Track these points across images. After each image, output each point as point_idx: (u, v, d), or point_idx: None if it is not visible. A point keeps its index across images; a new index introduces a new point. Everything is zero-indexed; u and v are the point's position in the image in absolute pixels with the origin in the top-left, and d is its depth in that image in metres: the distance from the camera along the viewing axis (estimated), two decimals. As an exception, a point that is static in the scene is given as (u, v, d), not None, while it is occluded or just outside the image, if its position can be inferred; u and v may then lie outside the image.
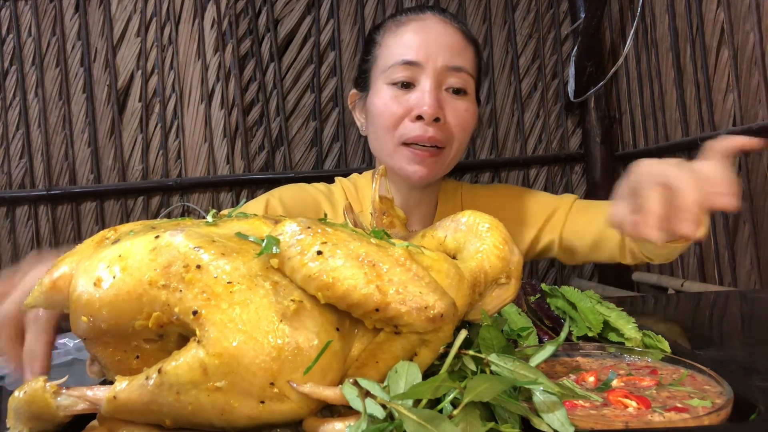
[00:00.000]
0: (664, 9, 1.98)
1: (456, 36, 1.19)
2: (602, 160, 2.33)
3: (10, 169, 2.28)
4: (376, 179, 0.77)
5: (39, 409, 0.51)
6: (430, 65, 1.14)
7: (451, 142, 1.17)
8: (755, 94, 1.63)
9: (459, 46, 1.18)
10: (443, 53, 1.15)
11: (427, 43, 1.15)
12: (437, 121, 1.13)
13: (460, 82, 1.16)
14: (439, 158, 1.17)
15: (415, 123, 1.14)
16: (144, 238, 0.52)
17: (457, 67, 1.16)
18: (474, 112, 1.20)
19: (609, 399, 0.55)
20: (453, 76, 1.16)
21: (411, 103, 1.14)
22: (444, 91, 1.16)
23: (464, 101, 1.18)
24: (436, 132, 1.13)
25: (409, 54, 1.15)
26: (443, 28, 1.19)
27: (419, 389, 0.46)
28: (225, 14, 2.31)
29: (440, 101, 1.14)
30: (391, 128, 1.16)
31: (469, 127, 1.19)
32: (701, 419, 0.50)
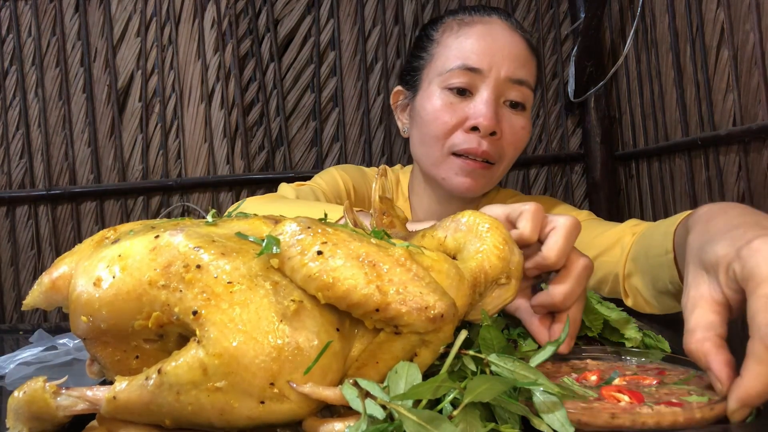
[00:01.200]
0: (664, 9, 1.98)
1: (522, 46, 1.12)
2: (602, 160, 2.33)
3: (10, 169, 2.28)
4: (376, 179, 0.77)
5: (39, 409, 0.51)
6: (493, 74, 1.07)
7: (503, 158, 1.11)
8: (755, 94, 1.63)
9: (524, 58, 1.11)
10: (507, 63, 1.07)
11: (492, 50, 1.07)
12: (493, 134, 1.07)
13: (520, 96, 1.10)
14: (488, 172, 1.10)
15: (469, 134, 1.07)
16: (144, 238, 0.52)
17: (520, 80, 1.09)
18: (529, 130, 1.14)
19: (602, 394, 0.55)
20: (514, 89, 1.09)
21: (467, 112, 1.07)
22: (502, 103, 1.10)
23: (522, 117, 1.12)
24: (489, 146, 1.07)
25: (471, 59, 1.07)
26: (510, 36, 1.11)
27: (419, 390, 0.46)
28: (225, 14, 2.31)
29: (498, 114, 1.08)
30: (442, 137, 1.09)
31: (522, 145, 1.13)
32: (692, 411, 0.50)
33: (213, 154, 2.32)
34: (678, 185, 2.01)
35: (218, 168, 2.33)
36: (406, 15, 2.35)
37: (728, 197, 1.77)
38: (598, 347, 0.71)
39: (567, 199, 2.41)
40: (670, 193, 2.04)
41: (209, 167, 2.33)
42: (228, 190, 2.34)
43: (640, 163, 2.21)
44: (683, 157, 1.94)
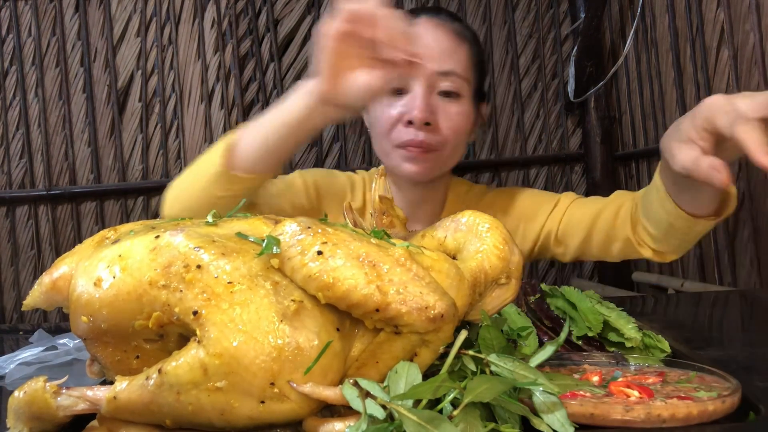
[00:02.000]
0: (664, 9, 1.98)
1: (447, 38, 1.20)
2: (602, 160, 2.33)
3: (10, 169, 2.28)
4: (376, 179, 0.77)
5: (39, 409, 0.51)
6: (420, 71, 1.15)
7: (444, 144, 1.19)
8: (755, 94, 1.62)
9: (450, 49, 1.19)
10: (432, 58, 1.16)
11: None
12: (428, 125, 1.16)
13: (450, 85, 1.18)
14: (431, 156, 1.19)
15: (407, 127, 1.16)
16: (144, 238, 0.52)
17: (447, 72, 1.17)
18: (467, 114, 1.21)
19: (611, 389, 0.55)
20: (444, 80, 1.17)
21: (402, 108, 1.16)
22: (436, 95, 1.18)
23: (456, 104, 1.19)
24: (426, 136, 1.16)
25: None
26: (434, 32, 1.20)
27: (419, 389, 0.47)
28: (225, 14, 2.31)
29: (431, 106, 1.16)
30: (386, 133, 1.19)
31: (462, 129, 1.21)
32: (705, 404, 0.50)
33: (213, 154, 2.32)
34: (678, 185, 2.01)
35: (218, 168, 2.33)
36: (406, 15, 2.35)
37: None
38: (594, 353, 0.71)
39: (567, 199, 2.41)
40: (670, 193, 2.04)
41: (209, 167, 2.33)
42: (228, 190, 2.34)
43: (640, 163, 2.21)
44: (683, 157, 1.94)
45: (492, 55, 2.37)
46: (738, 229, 1.76)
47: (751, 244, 1.69)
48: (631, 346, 0.73)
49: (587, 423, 0.50)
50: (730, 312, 1.15)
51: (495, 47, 2.37)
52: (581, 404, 0.50)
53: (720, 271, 1.82)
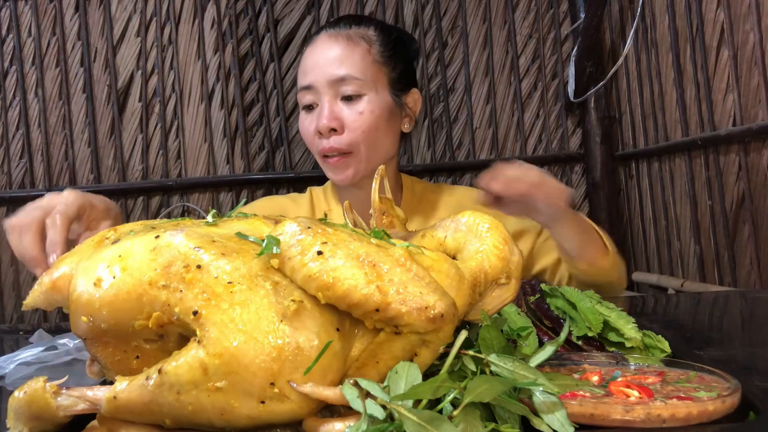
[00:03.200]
0: (664, 9, 1.98)
1: (339, 45, 1.26)
2: (602, 160, 2.33)
3: (10, 169, 2.28)
4: (375, 179, 0.77)
5: (39, 409, 0.51)
6: (320, 84, 1.24)
7: (356, 144, 1.24)
8: (755, 94, 1.63)
9: (342, 55, 1.25)
10: (327, 69, 1.24)
11: (315, 64, 1.26)
12: (334, 131, 1.23)
13: (349, 89, 1.24)
14: (350, 160, 1.25)
15: (320, 138, 1.25)
16: (144, 238, 0.52)
17: (341, 77, 1.24)
18: (373, 110, 1.24)
19: (610, 389, 0.55)
20: (341, 85, 1.24)
21: (315, 121, 1.25)
22: (340, 101, 1.25)
23: (357, 104, 1.24)
24: (335, 140, 1.24)
25: (304, 80, 1.27)
26: (328, 43, 1.27)
27: (419, 390, 0.46)
28: (225, 14, 2.31)
29: (335, 113, 1.23)
30: (311, 146, 1.29)
31: (371, 125, 1.24)
32: (705, 404, 0.50)
33: (213, 154, 2.32)
34: (678, 185, 2.00)
35: (218, 168, 2.33)
36: (406, 15, 2.35)
37: (728, 197, 1.77)
38: (594, 353, 0.70)
39: (567, 199, 2.41)
40: (670, 193, 2.04)
41: (209, 167, 2.33)
42: (228, 191, 2.34)
43: (640, 163, 2.21)
44: (683, 157, 1.94)
45: (492, 55, 2.37)
46: (738, 229, 1.76)
47: (751, 244, 1.69)
48: (631, 346, 0.73)
49: (587, 423, 0.50)
50: (730, 312, 1.15)
51: (495, 47, 2.37)
52: (581, 404, 0.50)
53: (720, 271, 1.82)
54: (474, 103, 2.38)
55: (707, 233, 1.86)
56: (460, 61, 2.37)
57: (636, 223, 2.28)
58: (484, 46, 2.37)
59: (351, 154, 1.25)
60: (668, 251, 2.07)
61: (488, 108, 2.38)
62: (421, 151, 2.37)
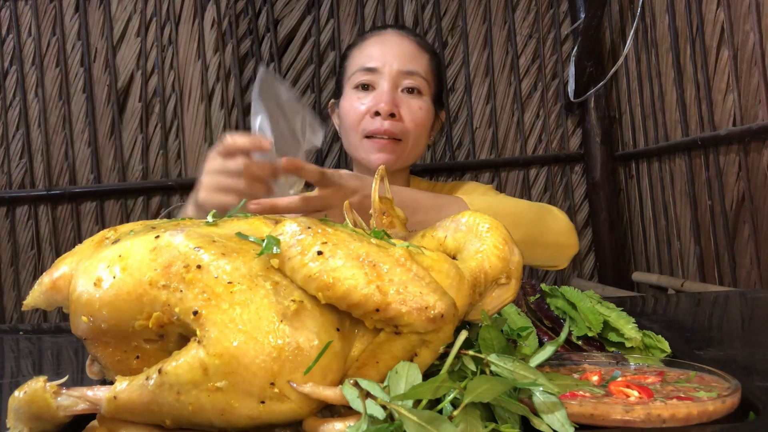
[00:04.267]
0: (664, 9, 1.98)
1: (410, 45, 1.38)
2: (602, 160, 2.33)
3: (10, 169, 2.28)
4: (376, 179, 0.77)
5: (39, 409, 0.51)
6: (386, 70, 1.32)
7: (408, 135, 1.33)
8: (755, 94, 1.63)
9: (413, 54, 1.36)
10: (398, 60, 1.34)
11: (383, 52, 1.35)
12: (393, 116, 1.30)
13: (413, 83, 1.34)
14: (397, 146, 1.33)
15: (374, 118, 1.31)
16: (144, 238, 0.52)
17: (411, 71, 1.34)
18: (428, 110, 1.36)
19: (610, 389, 0.55)
20: (407, 78, 1.33)
21: (370, 102, 1.32)
22: (400, 92, 1.33)
23: (418, 100, 1.34)
24: (391, 125, 1.30)
25: (369, 62, 1.35)
26: (399, 39, 1.38)
27: (419, 390, 0.46)
28: (225, 14, 2.31)
29: (395, 100, 1.31)
30: (355, 124, 1.34)
31: (423, 122, 1.35)
32: (705, 404, 0.49)
33: (213, 154, 2.32)
34: (678, 185, 2.01)
35: (218, 168, 2.33)
36: (406, 15, 2.35)
37: (728, 197, 1.77)
38: (594, 353, 0.70)
39: (567, 199, 2.41)
40: (670, 193, 2.04)
41: (209, 167, 2.32)
42: (228, 190, 2.34)
43: (640, 163, 2.21)
44: (683, 157, 1.94)
45: (492, 56, 2.37)
46: (738, 229, 1.76)
47: (751, 244, 1.69)
48: (631, 346, 0.73)
49: (587, 423, 0.50)
50: (730, 312, 1.15)
51: (495, 47, 2.37)
52: (581, 404, 0.50)
53: (720, 271, 1.82)
54: (474, 103, 2.38)
55: (707, 233, 1.86)
56: (460, 61, 2.37)
57: (636, 223, 2.28)
58: (484, 46, 2.37)
59: (400, 142, 1.32)
60: (668, 251, 2.07)
61: (488, 108, 2.38)
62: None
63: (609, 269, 2.34)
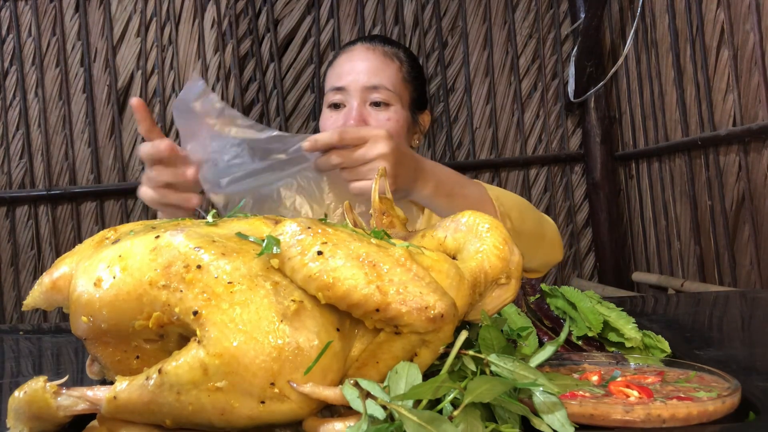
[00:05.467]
0: (664, 9, 1.98)
1: (376, 58, 1.40)
2: (602, 160, 2.33)
3: (10, 169, 2.28)
4: (375, 179, 0.77)
5: (39, 409, 0.51)
6: (352, 87, 1.36)
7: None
8: (755, 94, 1.63)
9: (378, 67, 1.39)
10: (364, 75, 1.37)
11: (350, 69, 1.39)
12: None
13: (379, 96, 1.36)
14: None
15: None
16: (144, 238, 0.52)
17: (375, 86, 1.36)
18: (398, 119, 1.37)
19: (610, 389, 0.55)
20: (373, 93, 1.36)
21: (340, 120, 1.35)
22: (368, 106, 1.36)
23: (386, 112, 1.37)
24: None
25: (338, 81, 1.39)
26: (365, 54, 1.40)
27: (419, 390, 0.46)
28: (225, 14, 2.31)
29: (363, 115, 1.34)
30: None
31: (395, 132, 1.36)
32: (705, 404, 0.49)
33: (213, 154, 2.32)
34: (678, 185, 2.01)
35: (218, 168, 2.33)
36: (406, 15, 2.35)
37: (728, 197, 1.77)
38: (594, 353, 0.70)
39: (567, 199, 2.41)
40: (670, 193, 2.04)
41: (209, 167, 2.33)
42: (228, 190, 2.34)
43: (640, 163, 2.21)
44: (683, 157, 1.94)
45: (492, 56, 2.37)
46: (738, 229, 1.76)
47: (751, 244, 1.69)
48: (631, 346, 0.73)
49: (587, 423, 0.50)
50: (730, 312, 1.15)
51: (495, 47, 2.37)
52: (581, 404, 0.50)
53: (720, 271, 1.82)
54: (474, 103, 2.38)
55: (707, 233, 1.86)
56: (460, 61, 2.37)
57: (636, 223, 2.28)
58: (484, 46, 2.37)
59: None
60: (668, 251, 2.07)
61: (488, 108, 2.38)
62: (421, 151, 2.37)
63: (609, 269, 2.34)
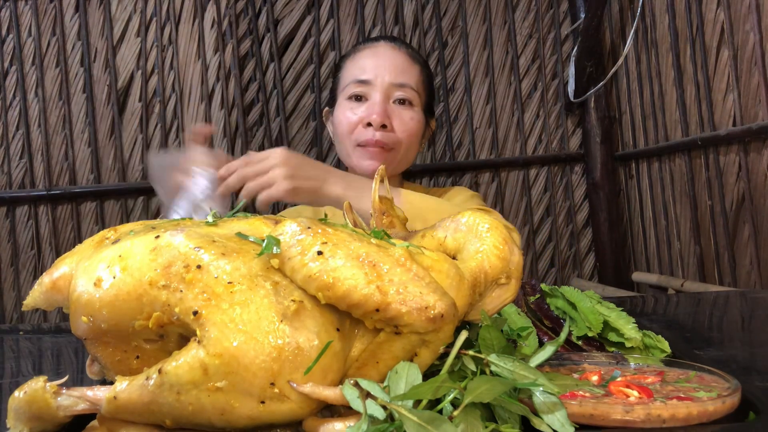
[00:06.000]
0: (664, 9, 1.98)
1: (402, 58, 1.42)
2: (602, 160, 2.33)
3: (10, 169, 2.28)
4: (375, 179, 0.77)
5: (39, 409, 0.51)
6: (379, 82, 1.37)
7: (399, 144, 1.38)
8: (755, 94, 1.63)
9: (404, 66, 1.41)
10: (390, 72, 1.38)
11: (376, 65, 1.40)
12: (384, 127, 1.35)
13: (404, 95, 1.38)
14: (389, 154, 1.37)
15: (366, 129, 1.35)
16: (144, 238, 0.52)
17: (402, 84, 1.38)
18: (418, 121, 1.40)
19: (610, 389, 0.55)
20: (399, 90, 1.38)
21: (363, 113, 1.36)
22: (391, 103, 1.38)
23: (409, 111, 1.39)
24: (383, 136, 1.35)
25: (362, 74, 1.40)
26: (391, 52, 1.42)
27: (419, 390, 0.47)
28: (225, 14, 2.31)
29: (387, 111, 1.36)
30: (348, 133, 1.39)
31: (414, 132, 1.40)
32: (705, 404, 0.50)
33: (213, 154, 2.32)
34: (678, 185, 2.00)
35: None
36: (406, 15, 2.35)
37: (728, 197, 1.77)
38: (594, 353, 0.70)
39: (567, 199, 2.41)
40: (670, 193, 2.04)
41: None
42: (228, 190, 2.34)
43: (640, 163, 2.21)
44: (683, 157, 1.94)
45: (492, 56, 2.37)
46: (738, 229, 1.76)
47: (751, 244, 1.69)
48: (631, 346, 0.73)
49: (587, 423, 0.50)
50: (730, 312, 1.15)
51: (495, 47, 2.37)
52: (581, 404, 0.50)
53: (720, 271, 1.82)
54: (474, 103, 2.38)
55: (707, 233, 1.86)
56: (460, 61, 2.37)
57: (636, 223, 2.28)
58: (484, 46, 2.37)
59: (392, 151, 1.37)
60: (668, 251, 2.07)
61: (488, 108, 2.38)
62: (422, 151, 2.37)
63: (609, 269, 2.34)
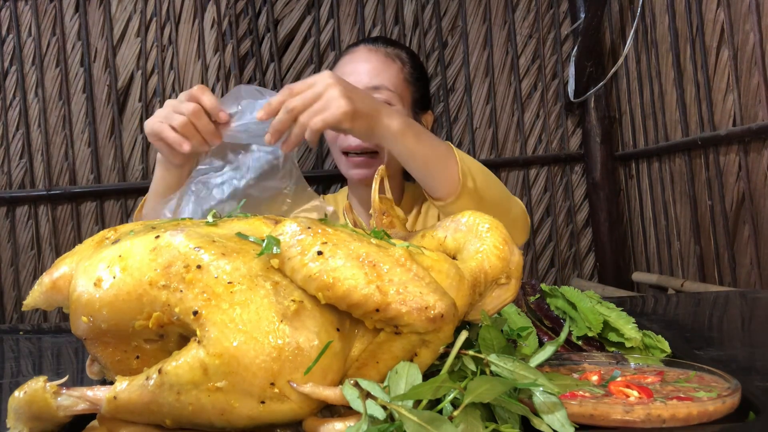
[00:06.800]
0: (664, 9, 1.98)
1: (378, 59, 1.44)
2: (602, 160, 2.33)
3: (10, 169, 2.28)
4: (375, 179, 0.77)
5: (39, 410, 0.51)
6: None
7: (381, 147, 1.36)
8: (755, 94, 1.62)
9: (379, 68, 1.43)
10: (366, 76, 1.40)
11: (352, 70, 1.43)
12: None
13: (381, 97, 1.38)
14: (374, 160, 1.40)
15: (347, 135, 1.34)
16: (144, 238, 0.52)
17: (376, 86, 1.40)
18: None
19: (610, 389, 0.55)
20: (374, 93, 1.38)
21: None
22: None
23: None
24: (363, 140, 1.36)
25: None
26: (367, 55, 1.45)
27: (419, 390, 0.47)
28: (225, 14, 2.31)
29: None
30: (333, 141, 1.44)
31: None
32: (705, 404, 0.50)
33: (213, 154, 2.32)
34: (678, 185, 2.00)
35: (218, 168, 2.32)
36: (406, 15, 2.35)
37: (728, 197, 1.77)
38: (594, 353, 0.70)
39: (567, 199, 2.41)
40: (670, 193, 2.04)
41: (209, 167, 2.32)
42: (228, 190, 2.34)
43: (640, 163, 2.21)
44: (683, 157, 1.94)
45: (492, 56, 2.37)
46: (738, 229, 1.76)
47: (751, 244, 1.69)
48: (631, 346, 0.73)
49: (587, 423, 0.50)
50: (730, 312, 1.15)
51: (495, 47, 2.37)
52: (581, 404, 0.50)
53: (720, 271, 1.82)
54: (474, 103, 2.38)
55: (707, 233, 1.86)
56: (460, 61, 2.37)
57: (636, 223, 2.28)
58: (484, 46, 2.37)
59: (377, 155, 1.40)
60: (668, 251, 2.07)
61: (488, 108, 2.37)
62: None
63: (609, 269, 2.34)
